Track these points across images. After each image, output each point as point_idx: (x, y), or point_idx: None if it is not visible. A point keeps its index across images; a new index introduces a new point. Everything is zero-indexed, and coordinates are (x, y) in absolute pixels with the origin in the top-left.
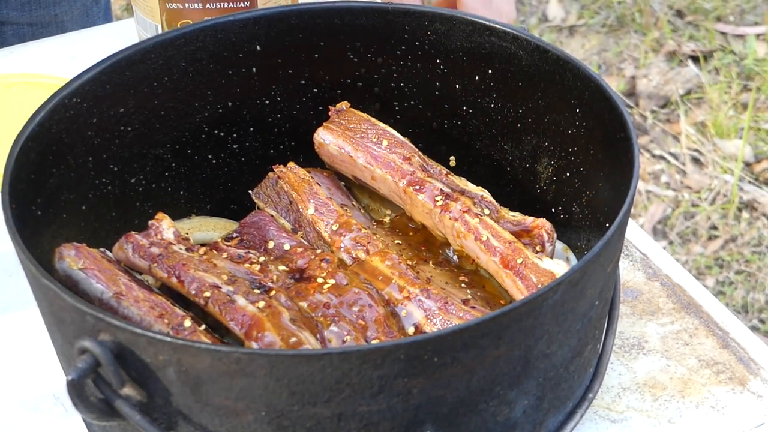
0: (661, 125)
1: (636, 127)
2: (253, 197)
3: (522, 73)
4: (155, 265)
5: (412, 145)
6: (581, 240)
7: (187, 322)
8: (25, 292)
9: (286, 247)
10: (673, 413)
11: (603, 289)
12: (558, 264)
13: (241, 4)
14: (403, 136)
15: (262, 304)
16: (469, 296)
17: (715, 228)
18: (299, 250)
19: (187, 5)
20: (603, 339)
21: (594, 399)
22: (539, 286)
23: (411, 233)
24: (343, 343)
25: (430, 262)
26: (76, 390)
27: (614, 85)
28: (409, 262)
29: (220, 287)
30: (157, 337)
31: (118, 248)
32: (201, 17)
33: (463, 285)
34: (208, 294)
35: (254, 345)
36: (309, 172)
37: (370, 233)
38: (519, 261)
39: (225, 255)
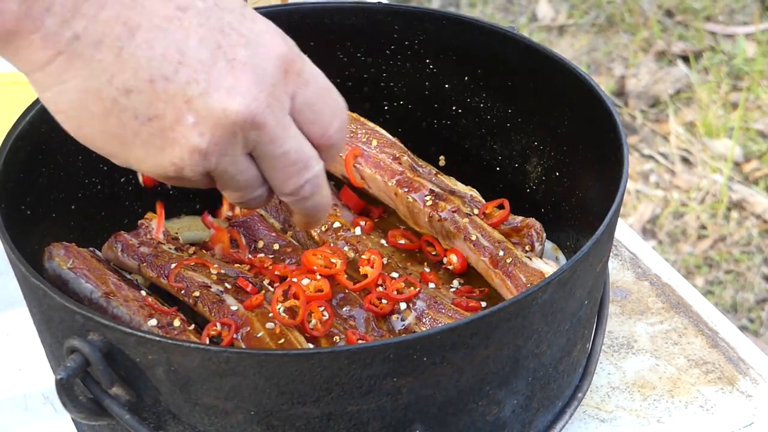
0: (651, 125)
1: (625, 126)
2: None
3: (511, 73)
4: (144, 264)
5: (401, 145)
6: (570, 239)
7: (177, 322)
8: (14, 291)
9: (276, 247)
10: (662, 413)
11: (592, 289)
12: (547, 263)
13: None
14: (393, 135)
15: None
16: (463, 297)
17: (704, 227)
18: (289, 250)
19: None
20: (592, 338)
21: (583, 398)
22: (528, 285)
23: (402, 234)
24: (333, 343)
25: (425, 263)
26: (65, 389)
27: (604, 84)
28: (400, 264)
29: (210, 287)
30: (147, 336)
31: (107, 248)
32: None
33: (459, 286)
34: (197, 293)
35: (242, 344)
36: None
37: (360, 233)
38: (508, 260)
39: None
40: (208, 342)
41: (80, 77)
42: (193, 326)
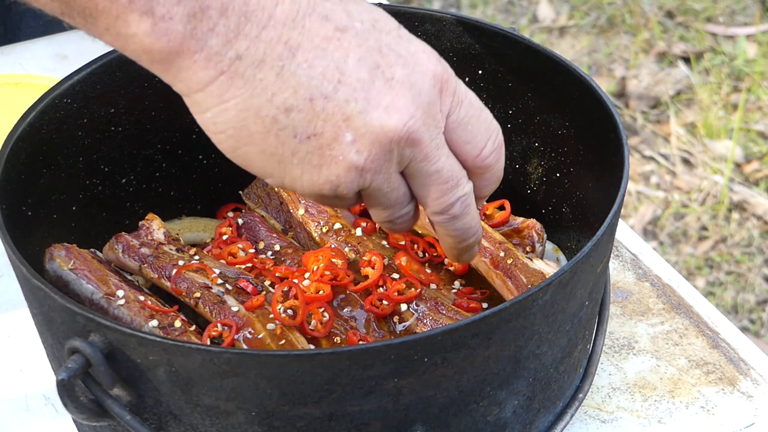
0: (652, 126)
1: (626, 127)
2: (244, 198)
3: (512, 74)
4: (145, 265)
5: None
6: (571, 240)
7: (178, 323)
8: (15, 292)
9: (277, 248)
10: (663, 413)
11: (593, 290)
12: (548, 264)
13: None
14: None
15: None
16: (464, 298)
17: (705, 229)
18: (290, 251)
19: None
20: (593, 339)
21: (584, 399)
22: (529, 286)
23: (403, 235)
24: (334, 344)
25: (426, 264)
26: (67, 390)
27: (604, 86)
28: (403, 259)
29: (211, 288)
30: (148, 337)
31: (108, 249)
32: None
33: (461, 287)
34: (198, 294)
35: (243, 345)
36: None
37: (361, 234)
38: (509, 262)
39: None
40: (209, 343)
41: (241, 96)
42: (194, 327)
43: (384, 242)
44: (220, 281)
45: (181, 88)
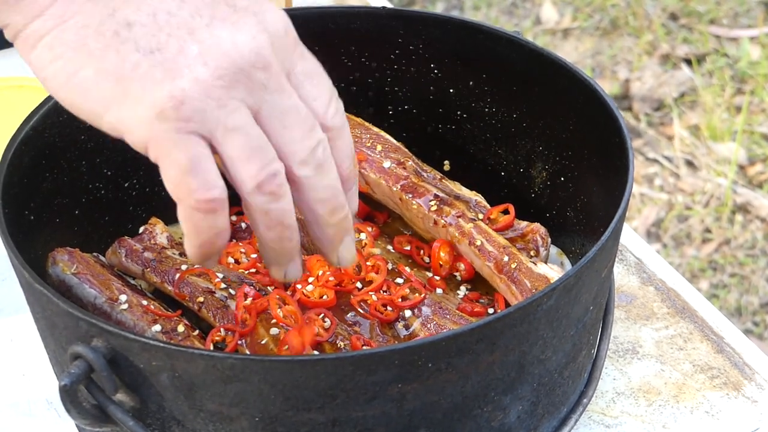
0: (655, 128)
1: (629, 130)
2: None
3: (516, 78)
4: (148, 270)
5: (406, 150)
6: (576, 244)
7: (181, 328)
8: (17, 296)
9: None
10: (668, 418)
11: (597, 294)
12: (552, 269)
13: None
14: (397, 140)
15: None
16: (469, 302)
17: (708, 231)
18: None
19: None
20: (597, 344)
21: (588, 404)
22: (534, 291)
23: (408, 240)
24: (338, 349)
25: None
26: (69, 395)
27: (608, 88)
28: (406, 268)
29: (214, 292)
30: (151, 342)
31: (111, 253)
32: None
33: (467, 292)
34: (201, 299)
35: (246, 350)
36: None
37: (365, 239)
38: (513, 266)
39: None
40: (212, 348)
41: (82, 13)
42: (197, 332)
43: (389, 247)
44: (223, 286)
45: (18, 20)
